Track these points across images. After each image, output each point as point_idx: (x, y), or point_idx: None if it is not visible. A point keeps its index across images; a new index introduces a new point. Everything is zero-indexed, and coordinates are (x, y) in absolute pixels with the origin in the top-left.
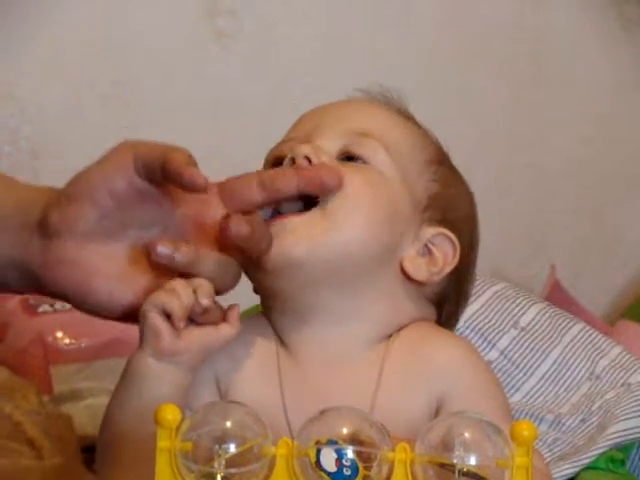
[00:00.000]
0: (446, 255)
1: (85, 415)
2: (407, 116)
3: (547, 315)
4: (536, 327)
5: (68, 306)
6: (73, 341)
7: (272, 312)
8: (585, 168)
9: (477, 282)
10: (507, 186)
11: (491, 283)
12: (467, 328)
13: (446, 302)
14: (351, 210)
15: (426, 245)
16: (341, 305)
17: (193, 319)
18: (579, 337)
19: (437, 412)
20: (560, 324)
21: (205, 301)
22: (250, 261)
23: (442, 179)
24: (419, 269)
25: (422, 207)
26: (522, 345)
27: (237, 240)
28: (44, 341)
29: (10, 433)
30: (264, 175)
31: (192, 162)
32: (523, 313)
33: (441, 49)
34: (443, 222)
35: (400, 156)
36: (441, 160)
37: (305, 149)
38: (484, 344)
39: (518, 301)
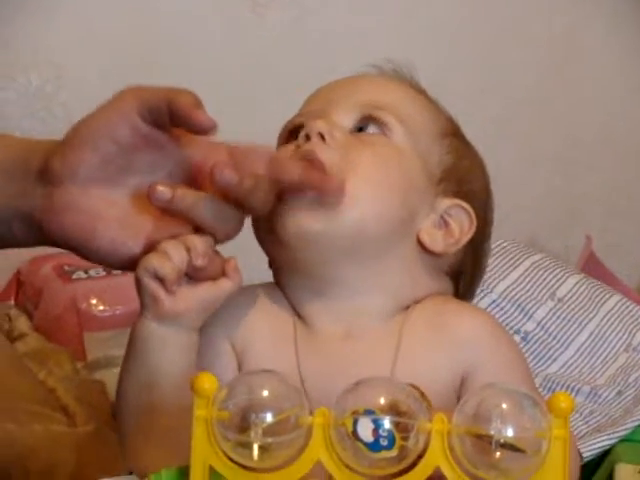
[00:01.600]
0: (462, 226)
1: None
2: (419, 90)
3: (584, 287)
4: (573, 298)
5: (102, 272)
6: (107, 308)
7: (288, 285)
8: (619, 139)
9: (514, 253)
10: (541, 157)
11: (528, 254)
12: (504, 299)
13: (462, 275)
14: (365, 186)
15: (442, 217)
16: (358, 278)
17: (191, 277)
18: (616, 309)
19: (462, 384)
20: (597, 296)
21: (199, 261)
22: (265, 232)
23: (455, 151)
24: (436, 240)
25: (436, 179)
26: (559, 316)
27: (222, 186)
28: (78, 308)
29: (44, 399)
30: (275, 156)
31: (198, 103)
32: (560, 284)
33: (473, 24)
34: (458, 194)
35: (413, 128)
36: (454, 132)
37: (319, 125)
38: (521, 315)
39: (555, 272)
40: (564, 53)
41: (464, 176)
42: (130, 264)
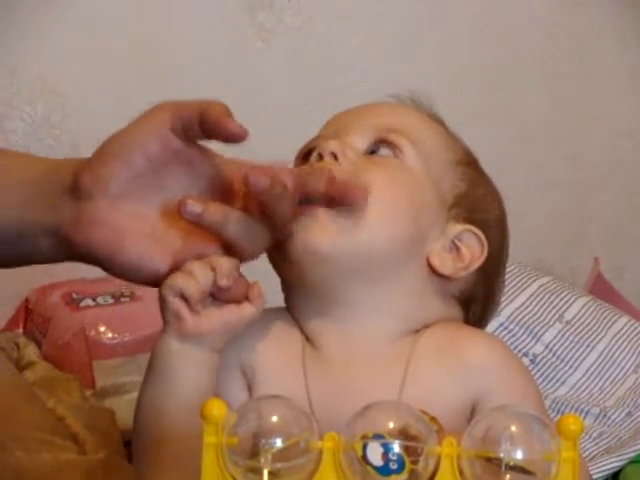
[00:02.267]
0: (473, 252)
1: (128, 409)
2: (436, 118)
3: (592, 308)
4: (581, 320)
5: (110, 300)
6: (115, 335)
7: (297, 307)
8: (627, 160)
9: (522, 276)
10: (549, 179)
11: (536, 276)
12: (512, 322)
13: (473, 303)
14: (377, 208)
15: (453, 241)
16: (366, 299)
17: (216, 297)
18: (624, 330)
19: (473, 411)
20: (605, 317)
21: (224, 281)
22: (277, 251)
23: (469, 180)
24: (445, 263)
25: (449, 204)
26: (567, 339)
27: (255, 190)
28: (86, 336)
29: (53, 428)
30: (299, 171)
31: (229, 112)
32: (568, 307)
33: (480, 46)
34: (471, 221)
35: (426, 152)
36: (469, 162)
37: (332, 145)
38: (529, 338)
39: (563, 295)
40: (572, 76)
41: (478, 204)
42: (155, 280)
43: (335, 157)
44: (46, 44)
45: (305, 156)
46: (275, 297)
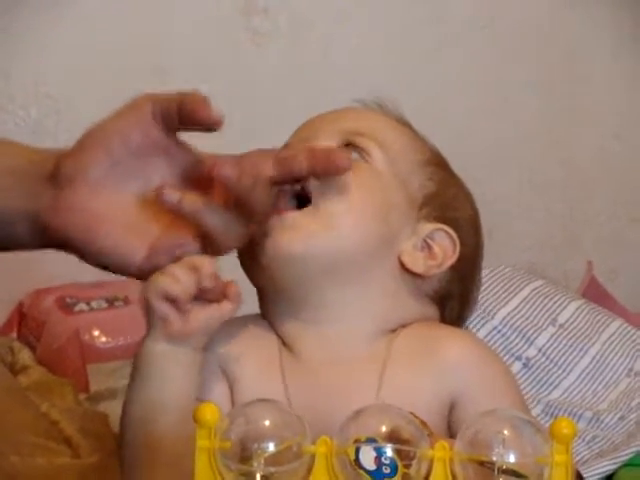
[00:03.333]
0: (445, 250)
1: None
2: (402, 121)
3: (585, 312)
4: (574, 324)
5: (104, 304)
6: (109, 339)
7: (271, 311)
8: (619, 164)
9: (515, 279)
10: (542, 183)
11: (529, 280)
12: (505, 325)
13: (449, 301)
14: (344, 208)
15: (425, 240)
16: (339, 300)
17: (197, 297)
18: (617, 334)
19: (451, 409)
20: (598, 321)
21: (207, 282)
22: (248, 256)
23: (439, 180)
24: (417, 262)
25: (418, 203)
26: (560, 342)
27: (223, 182)
28: (80, 340)
29: (47, 432)
30: (280, 154)
31: (207, 101)
32: (561, 310)
33: (475, 48)
34: (443, 220)
35: (394, 154)
36: (437, 163)
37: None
38: (522, 341)
39: (556, 298)
40: (565, 80)
41: (448, 203)
42: (130, 270)
43: None
44: (40, 49)
45: None
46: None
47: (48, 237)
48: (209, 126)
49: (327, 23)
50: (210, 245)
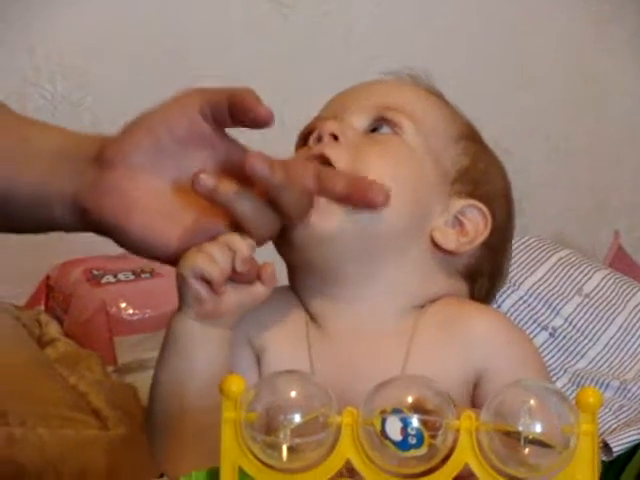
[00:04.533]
0: (477, 226)
1: (149, 385)
2: (435, 93)
3: (611, 281)
4: (600, 293)
5: (131, 277)
6: (136, 311)
7: (301, 286)
8: None
9: (541, 249)
10: (569, 153)
11: (555, 250)
12: (531, 296)
13: (479, 277)
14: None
15: (456, 217)
16: (370, 277)
17: (230, 279)
18: None
19: (476, 385)
20: (624, 290)
21: (242, 266)
22: (280, 235)
23: (471, 154)
24: (448, 238)
25: (450, 179)
26: (587, 312)
27: (254, 176)
28: (107, 312)
29: (75, 404)
30: (322, 171)
31: (258, 98)
32: (587, 280)
33: (500, 19)
34: (474, 195)
35: (426, 129)
36: (470, 136)
37: (330, 125)
38: (548, 311)
39: (582, 268)
40: (589, 48)
41: (480, 178)
42: (163, 255)
43: (335, 137)
44: (64, 22)
45: (305, 137)
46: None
47: (85, 219)
48: (260, 124)
49: None
50: (244, 235)
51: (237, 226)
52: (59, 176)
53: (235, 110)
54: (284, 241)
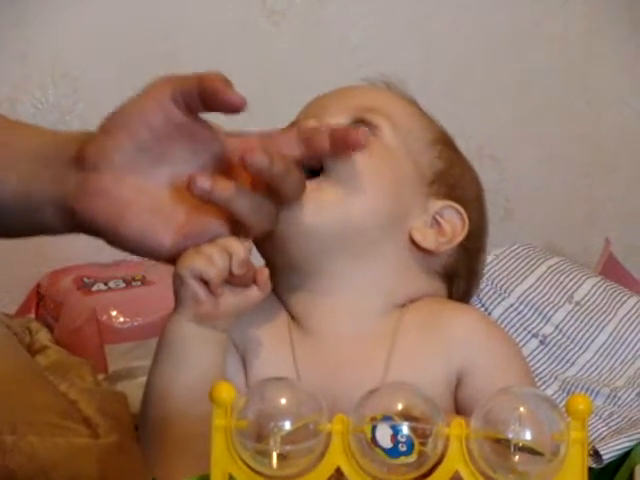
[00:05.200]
0: (454, 227)
1: (140, 393)
2: (410, 100)
3: (602, 289)
4: (591, 301)
5: (122, 284)
6: (127, 319)
7: (281, 285)
8: (638, 140)
9: (531, 256)
10: (561, 159)
11: (545, 257)
12: (521, 303)
13: (456, 278)
14: (356, 180)
15: (434, 217)
16: (350, 274)
17: (227, 281)
18: (634, 310)
19: (458, 384)
20: (615, 297)
21: (239, 269)
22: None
23: (447, 158)
24: (427, 238)
25: (428, 180)
26: (577, 319)
27: (254, 171)
28: (98, 320)
29: (65, 412)
30: (303, 133)
31: (228, 83)
32: (578, 287)
33: (494, 26)
34: (451, 197)
35: (404, 131)
36: (445, 141)
37: (312, 124)
38: (539, 318)
39: (573, 275)
40: (583, 54)
41: (456, 182)
42: (158, 254)
43: None
44: (56, 29)
45: None
46: None
47: (76, 222)
48: (231, 108)
49: (342, 0)
50: (240, 229)
51: (233, 221)
52: (41, 179)
53: (205, 95)
54: (266, 238)
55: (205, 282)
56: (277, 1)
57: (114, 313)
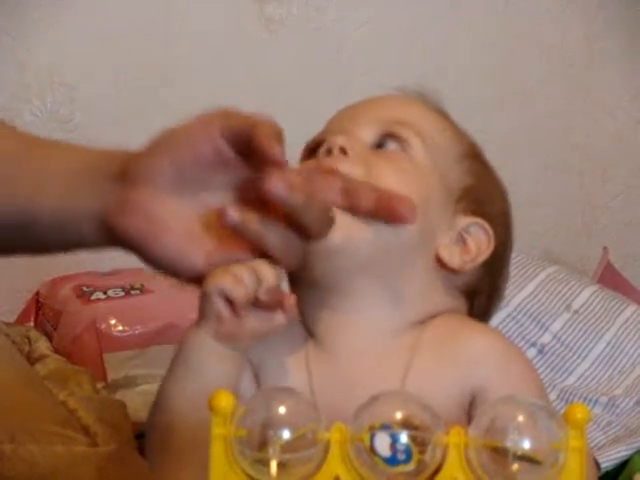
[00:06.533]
0: (480, 244)
1: (139, 402)
2: (441, 112)
3: (600, 297)
4: (589, 310)
5: (121, 293)
6: (126, 328)
7: (302, 301)
8: (635, 148)
9: (529, 265)
10: (558, 168)
11: (543, 266)
12: (520, 312)
13: (477, 295)
14: None
15: (460, 234)
16: (374, 294)
17: (252, 303)
18: (632, 319)
19: (473, 403)
20: (613, 306)
21: (265, 295)
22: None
23: (476, 173)
24: (454, 256)
25: (455, 197)
26: (575, 328)
27: (272, 198)
28: (97, 328)
29: (65, 420)
30: (349, 183)
31: (279, 137)
32: (576, 296)
33: (491, 34)
34: (478, 214)
35: (433, 146)
36: (475, 155)
37: (340, 139)
38: (537, 327)
39: (570, 284)
40: (580, 63)
41: (484, 197)
42: (188, 276)
43: (344, 152)
44: (55, 38)
45: (312, 150)
46: None
47: (113, 237)
48: (267, 162)
49: (341, 9)
50: (272, 263)
51: (262, 255)
52: (80, 195)
53: (253, 144)
54: None
55: (230, 302)
56: (275, 10)
57: (113, 321)
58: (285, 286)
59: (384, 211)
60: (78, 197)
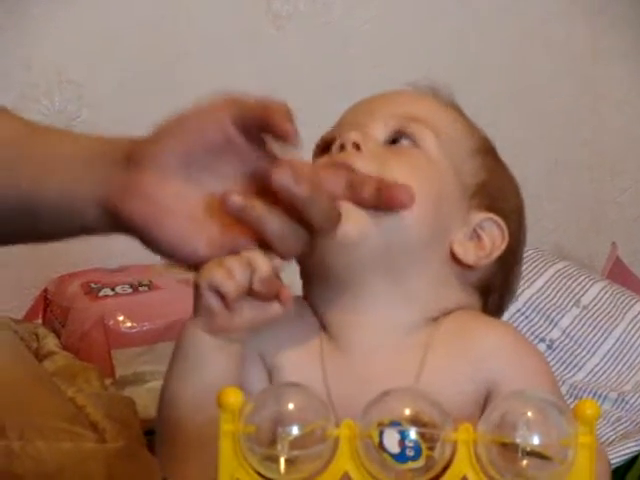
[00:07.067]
0: (494, 240)
1: (147, 398)
2: (454, 107)
3: (609, 293)
4: (598, 305)
5: (129, 290)
6: (134, 324)
7: (316, 296)
8: None
9: (539, 261)
10: (567, 164)
11: (552, 262)
12: (529, 308)
13: (491, 291)
14: None
15: (474, 230)
16: (388, 290)
17: (247, 294)
18: None
19: (487, 399)
20: (622, 302)
21: (259, 287)
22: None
23: (490, 168)
24: (468, 252)
25: (470, 193)
26: (584, 323)
27: (276, 188)
28: (105, 325)
29: (73, 417)
30: (354, 177)
31: (290, 116)
32: (585, 291)
33: (499, 30)
34: (491, 209)
35: (448, 142)
36: (487, 150)
37: (353, 135)
38: (546, 323)
39: (580, 279)
40: (588, 58)
41: (497, 193)
42: (191, 261)
43: (357, 147)
44: (61, 36)
45: (325, 146)
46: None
47: (116, 222)
48: (280, 139)
49: (348, 5)
50: (270, 250)
51: (264, 243)
52: (85, 181)
53: (265, 125)
54: (307, 251)
55: (222, 295)
56: (282, 6)
57: (121, 318)
58: (284, 277)
59: (384, 199)
60: (82, 182)
